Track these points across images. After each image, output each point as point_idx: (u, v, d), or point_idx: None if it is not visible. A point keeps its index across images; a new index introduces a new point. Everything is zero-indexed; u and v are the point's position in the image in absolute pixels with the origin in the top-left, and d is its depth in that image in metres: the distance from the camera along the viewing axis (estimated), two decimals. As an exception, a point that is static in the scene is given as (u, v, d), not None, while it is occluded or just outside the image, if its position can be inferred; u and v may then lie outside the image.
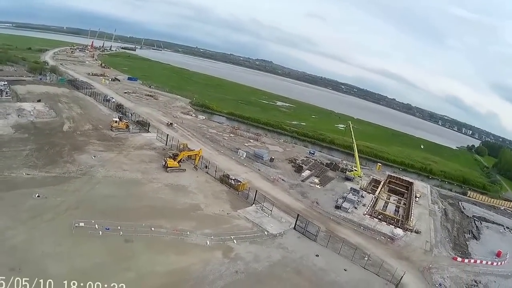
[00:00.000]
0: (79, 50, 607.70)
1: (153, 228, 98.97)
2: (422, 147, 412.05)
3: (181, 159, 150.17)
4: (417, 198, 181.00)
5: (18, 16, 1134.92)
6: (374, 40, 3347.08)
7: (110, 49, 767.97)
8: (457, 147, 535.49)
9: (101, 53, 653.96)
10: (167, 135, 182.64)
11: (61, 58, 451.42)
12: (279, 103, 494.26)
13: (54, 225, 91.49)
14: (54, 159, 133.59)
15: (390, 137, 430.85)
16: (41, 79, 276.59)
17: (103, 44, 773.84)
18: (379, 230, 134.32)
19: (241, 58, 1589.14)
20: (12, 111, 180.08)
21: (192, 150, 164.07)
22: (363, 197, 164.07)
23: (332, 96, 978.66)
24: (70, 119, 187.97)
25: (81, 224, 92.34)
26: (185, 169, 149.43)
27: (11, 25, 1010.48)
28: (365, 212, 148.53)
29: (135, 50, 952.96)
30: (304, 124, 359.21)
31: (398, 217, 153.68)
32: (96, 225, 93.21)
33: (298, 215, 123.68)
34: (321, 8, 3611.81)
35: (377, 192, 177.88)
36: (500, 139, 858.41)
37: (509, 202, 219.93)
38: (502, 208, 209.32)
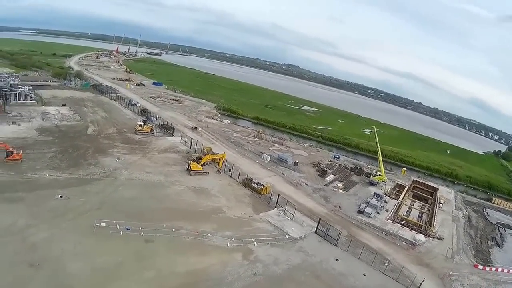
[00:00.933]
0: (104, 56, 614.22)
1: (174, 229, 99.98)
2: (448, 152, 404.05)
3: (204, 162, 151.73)
4: (441, 204, 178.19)
5: (42, 23, 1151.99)
6: (398, 42, 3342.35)
7: (135, 54, 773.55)
8: (483, 152, 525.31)
9: (126, 58, 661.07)
10: (191, 138, 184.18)
11: (86, 63, 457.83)
12: (305, 107, 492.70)
13: (75, 225, 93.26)
14: (78, 162, 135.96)
15: (415, 141, 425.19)
16: (65, 84, 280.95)
17: (128, 49, 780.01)
18: (401, 236, 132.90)
19: (268, 63, 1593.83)
20: (37, 114, 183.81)
21: (216, 154, 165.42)
22: (386, 202, 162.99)
23: (358, 100, 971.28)
24: (95, 123, 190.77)
25: (102, 224, 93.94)
26: (208, 172, 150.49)
27: (35, 31, 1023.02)
28: (388, 217, 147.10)
29: (160, 55, 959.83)
30: (330, 128, 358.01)
31: (421, 223, 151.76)
32: (118, 225, 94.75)
33: (319, 219, 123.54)
34: (342, 11, 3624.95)
35: (401, 197, 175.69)
36: None
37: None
38: None
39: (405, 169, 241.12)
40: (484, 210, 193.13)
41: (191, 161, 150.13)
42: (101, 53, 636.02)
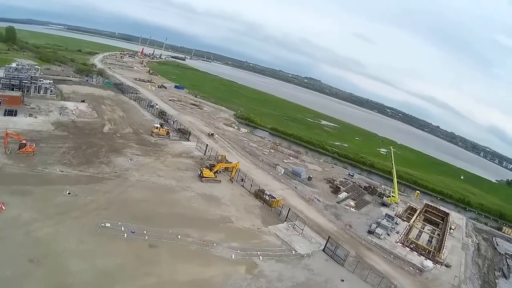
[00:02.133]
0: (129, 56, 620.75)
1: (179, 236, 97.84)
2: (462, 177, 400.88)
3: (217, 170, 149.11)
4: (452, 230, 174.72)
5: (72, 19, 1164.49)
6: (421, 65, 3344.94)
7: (160, 57, 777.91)
8: (496, 180, 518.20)
9: (150, 60, 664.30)
10: (207, 145, 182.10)
11: (110, 62, 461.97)
12: (323, 122, 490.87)
13: (80, 223, 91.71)
14: (90, 159, 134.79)
15: (430, 165, 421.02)
16: (87, 80, 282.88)
17: (153, 51, 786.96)
18: (409, 260, 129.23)
19: (290, 75, 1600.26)
20: (55, 108, 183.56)
21: (230, 163, 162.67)
22: (397, 224, 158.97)
23: (377, 119, 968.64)
24: (112, 121, 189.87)
25: (107, 224, 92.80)
26: (220, 181, 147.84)
27: (63, 27, 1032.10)
28: (398, 240, 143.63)
29: (184, 60, 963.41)
30: (346, 145, 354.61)
31: (430, 248, 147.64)
32: (122, 227, 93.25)
33: (329, 237, 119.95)
34: (369, 30, 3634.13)
35: (412, 220, 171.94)
36: None
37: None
38: None
39: (418, 192, 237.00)
40: (494, 239, 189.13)
41: (204, 168, 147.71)
42: (125, 53, 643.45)
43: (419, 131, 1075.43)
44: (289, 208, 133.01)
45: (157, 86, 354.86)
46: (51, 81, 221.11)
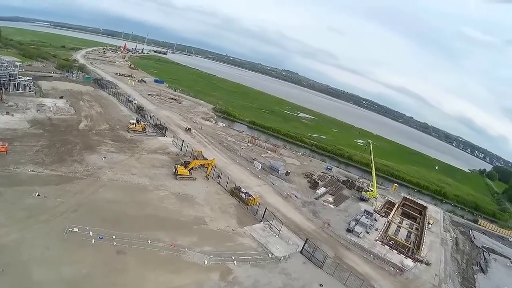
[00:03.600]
0: (112, 51, 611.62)
1: (149, 241, 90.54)
2: (436, 168, 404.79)
3: (192, 167, 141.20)
4: (430, 225, 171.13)
5: (57, 16, 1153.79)
6: (393, 57, 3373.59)
7: (142, 51, 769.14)
8: (469, 170, 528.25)
9: (132, 55, 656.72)
10: (183, 140, 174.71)
11: (92, 57, 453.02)
12: (301, 114, 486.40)
13: (48, 228, 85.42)
14: (63, 158, 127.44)
15: (406, 155, 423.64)
16: (67, 76, 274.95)
17: (136, 46, 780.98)
18: (389, 260, 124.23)
19: (268, 68, 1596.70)
20: (32, 106, 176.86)
21: (206, 159, 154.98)
22: (376, 220, 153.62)
23: (353, 110, 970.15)
24: (88, 118, 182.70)
25: (75, 229, 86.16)
26: (195, 178, 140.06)
27: (49, 24, 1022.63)
28: (377, 238, 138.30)
29: (166, 54, 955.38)
30: (324, 137, 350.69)
31: (409, 245, 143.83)
32: (90, 232, 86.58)
33: (306, 239, 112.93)
34: (342, 23, 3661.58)
35: (391, 215, 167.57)
36: (510, 164, 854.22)
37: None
38: (511, 239, 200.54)
39: (396, 185, 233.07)
40: (470, 232, 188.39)
41: (179, 165, 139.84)
42: (108, 48, 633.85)
43: (393, 122, 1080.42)
44: (266, 208, 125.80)
45: (137, 81, 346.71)
46: (30, 78, 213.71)
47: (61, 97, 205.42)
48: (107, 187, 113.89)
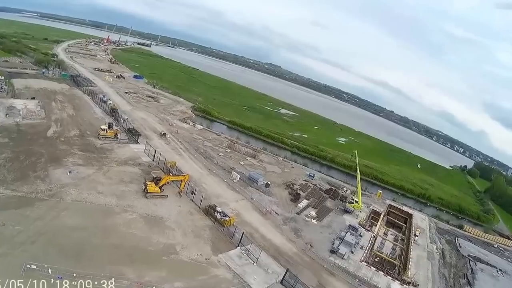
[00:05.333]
0: (94, 44, 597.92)
1: (113, 279, 76.95)
2: (418, 166, 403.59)
3: (163, 184, 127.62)
4: (416, 237, 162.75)
5: (46, 7, 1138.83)
6: (375, 51, 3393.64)
7: (125, 43, 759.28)
8: (450, 166, 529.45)
9: (115, 47, 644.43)
10: (155, 150, 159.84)
11: (74, 50, 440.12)
12: (283, 110, 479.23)
13: (4, 263, 73.71)
14: (26, 173, 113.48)
15: (388, 153, 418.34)
16: (43, 73, 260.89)
17: (119, 38, 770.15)
18: (376, 284, 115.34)
19: (251, 61, 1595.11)
20: (2, 109, 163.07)
21: (177, 176, 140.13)
22: (361, 236, 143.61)
23: (334, 104, 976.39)
24: (58, 122, 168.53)
25: (33, 266, 74.49)
26: (167, 196, 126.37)
27: (36, 14, 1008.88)
28: (362, 258, 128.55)
29: (150, 46, 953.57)
30: (306, 136, 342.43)
31: (395, 260, 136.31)
32: (49, 270, 74.59)
33: (287, 269, 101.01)
34: (325, 17, 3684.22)
35: (376, 228, 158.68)
36: (489, 159, 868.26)
37: (502, 239, 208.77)
38: (496, 245, 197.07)
39: (380, 191, 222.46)
40: (456, 240, 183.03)
41: (149, 182, 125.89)
42: (91, 41, 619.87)
43: (374, 116, 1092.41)
44: (243, 232, 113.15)
45: (115, 77, 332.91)
46: (2, 77, 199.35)
47: (33, 98, 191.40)
48: (70, 211, 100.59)
